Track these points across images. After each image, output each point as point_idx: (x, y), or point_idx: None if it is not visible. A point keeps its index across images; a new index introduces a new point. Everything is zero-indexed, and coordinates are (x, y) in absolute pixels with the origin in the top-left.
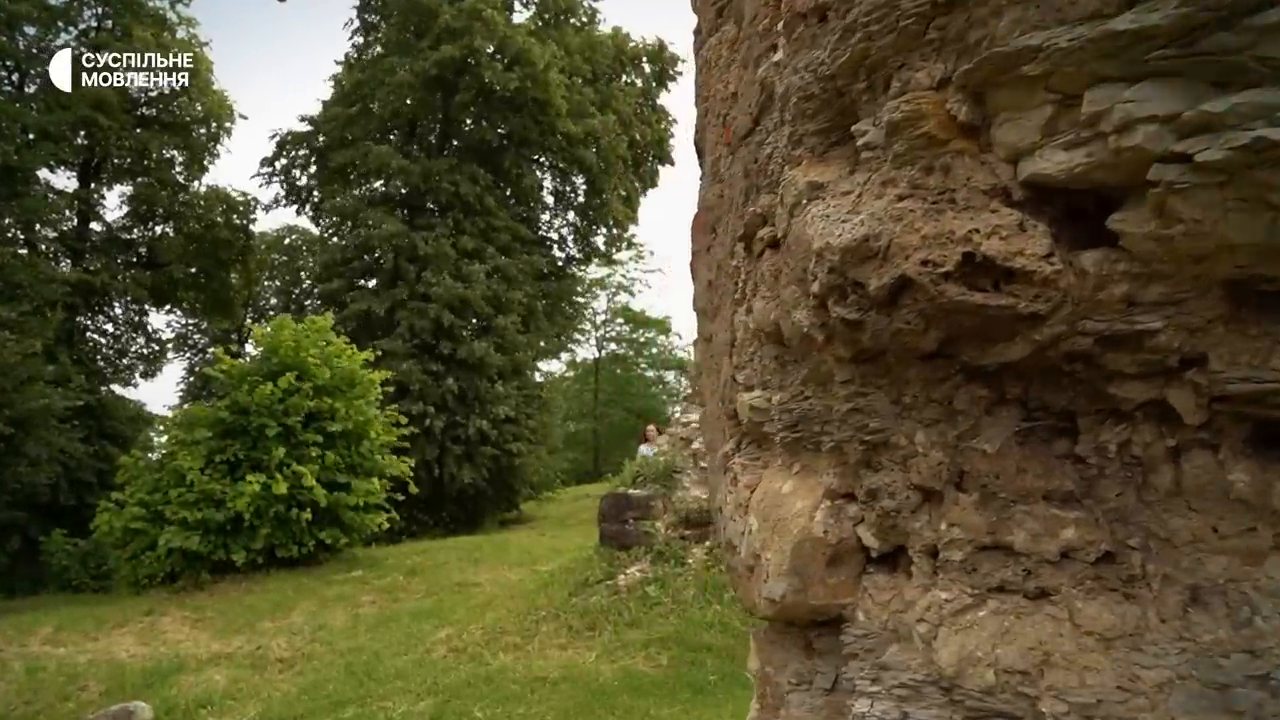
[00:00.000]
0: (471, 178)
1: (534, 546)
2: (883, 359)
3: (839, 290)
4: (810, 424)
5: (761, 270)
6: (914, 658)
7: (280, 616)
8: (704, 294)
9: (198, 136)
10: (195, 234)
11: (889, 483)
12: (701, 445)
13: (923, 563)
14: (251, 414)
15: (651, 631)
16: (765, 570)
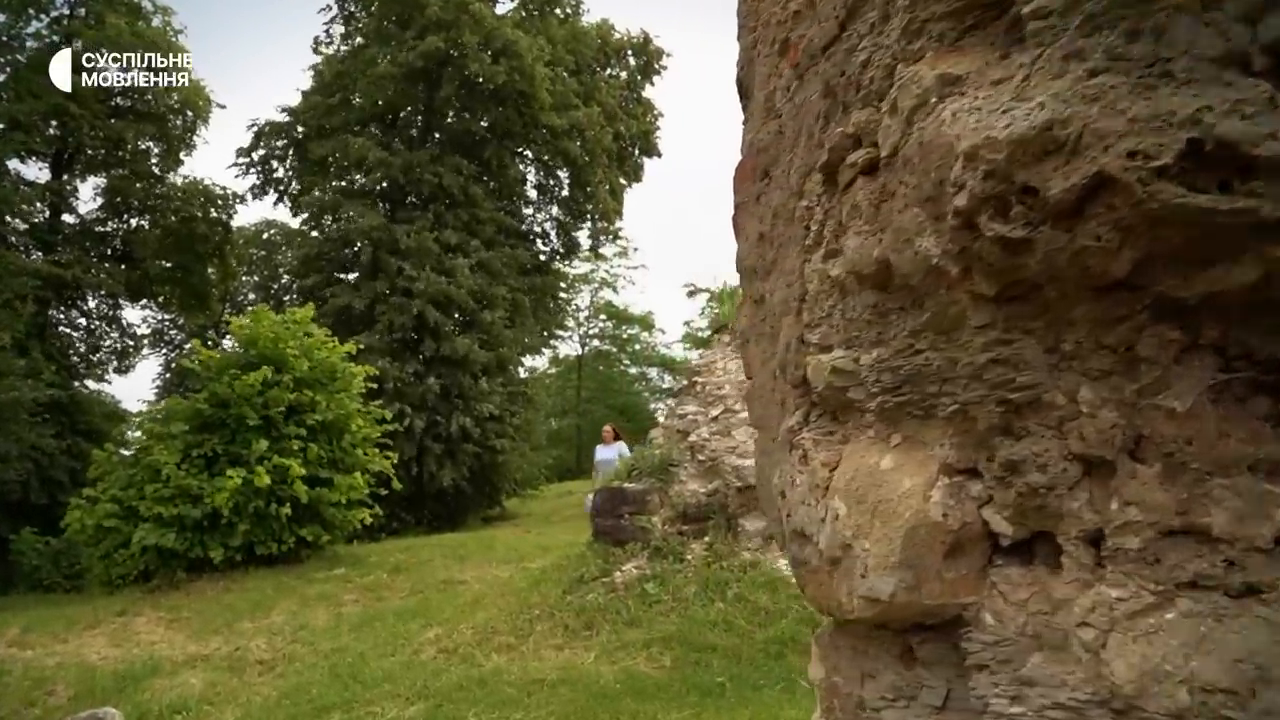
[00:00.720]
0: (455, 169)
1: (520, 544)
2: (1038, 295)
3: (998, 202)
4: (922, 384)
5: (855, 201)
6: (1071, 671)
7: (260, 616)
8: (753, 250)
9: (173, 127)
10: (172, 227)
11: (1038, 452)
12: (699, 438)
13: (1079, 552)
14: (231, 406)
15: (652, 631)
16: (862, 563)
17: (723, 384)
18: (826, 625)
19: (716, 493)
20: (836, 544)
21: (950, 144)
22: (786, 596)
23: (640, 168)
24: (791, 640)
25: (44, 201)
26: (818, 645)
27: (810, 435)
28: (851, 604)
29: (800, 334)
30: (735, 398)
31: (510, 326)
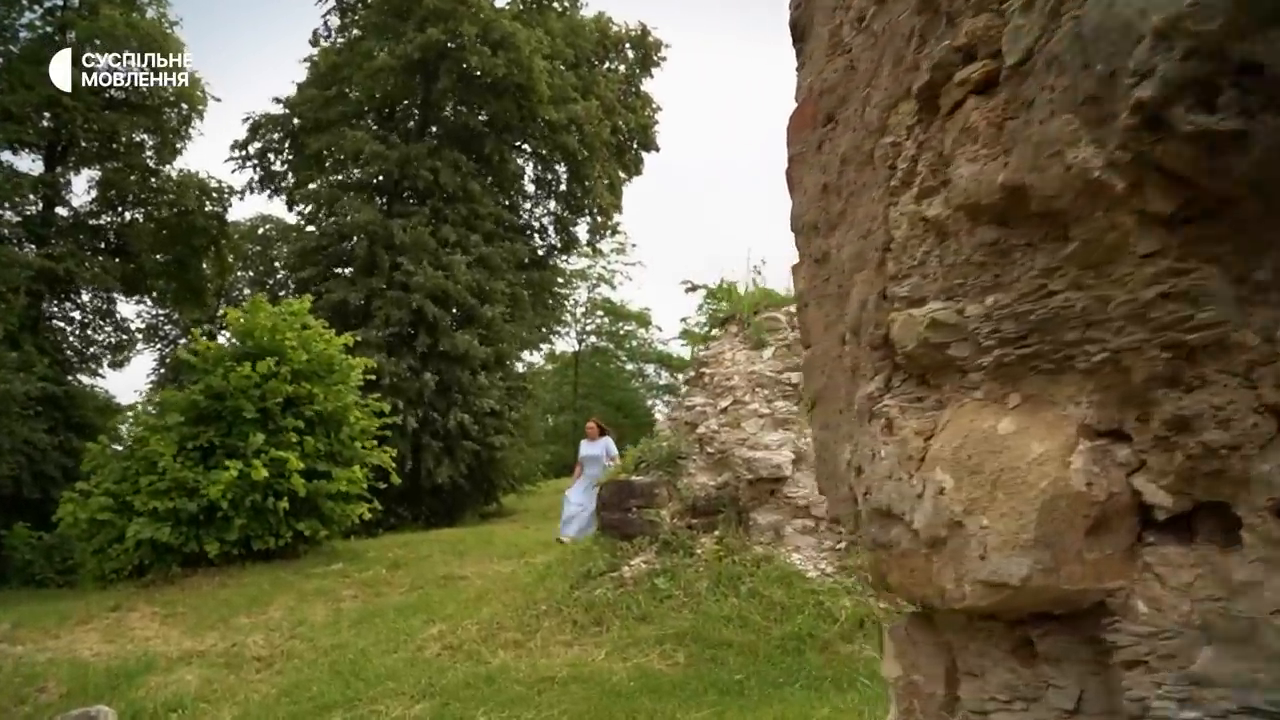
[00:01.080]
0: (453, 164)
1: (519, 539)
2: (1230, 211)
3: (1201, 87)
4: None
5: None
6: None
7: (257, 612)
8: (813, 204)
9: (168, 119)
10: (167, 220)
11: (1219, 405)
12: (708, 430)
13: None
14: (227, 398)
15: (664, 627)
16: (980, 543)
17: (731, 375)
18: (901, 618)
19: (727, 485)
20: (941, 522)
21: (1129, 22)
22: (802, 591)
23: (639, 162)
24: (809, 636)
25: (37, 194)
26: (892, 640)
27: (895, 402)
28: (961, 591)
29: (882, 288)
30: (745, 389)
31: (509, 321)
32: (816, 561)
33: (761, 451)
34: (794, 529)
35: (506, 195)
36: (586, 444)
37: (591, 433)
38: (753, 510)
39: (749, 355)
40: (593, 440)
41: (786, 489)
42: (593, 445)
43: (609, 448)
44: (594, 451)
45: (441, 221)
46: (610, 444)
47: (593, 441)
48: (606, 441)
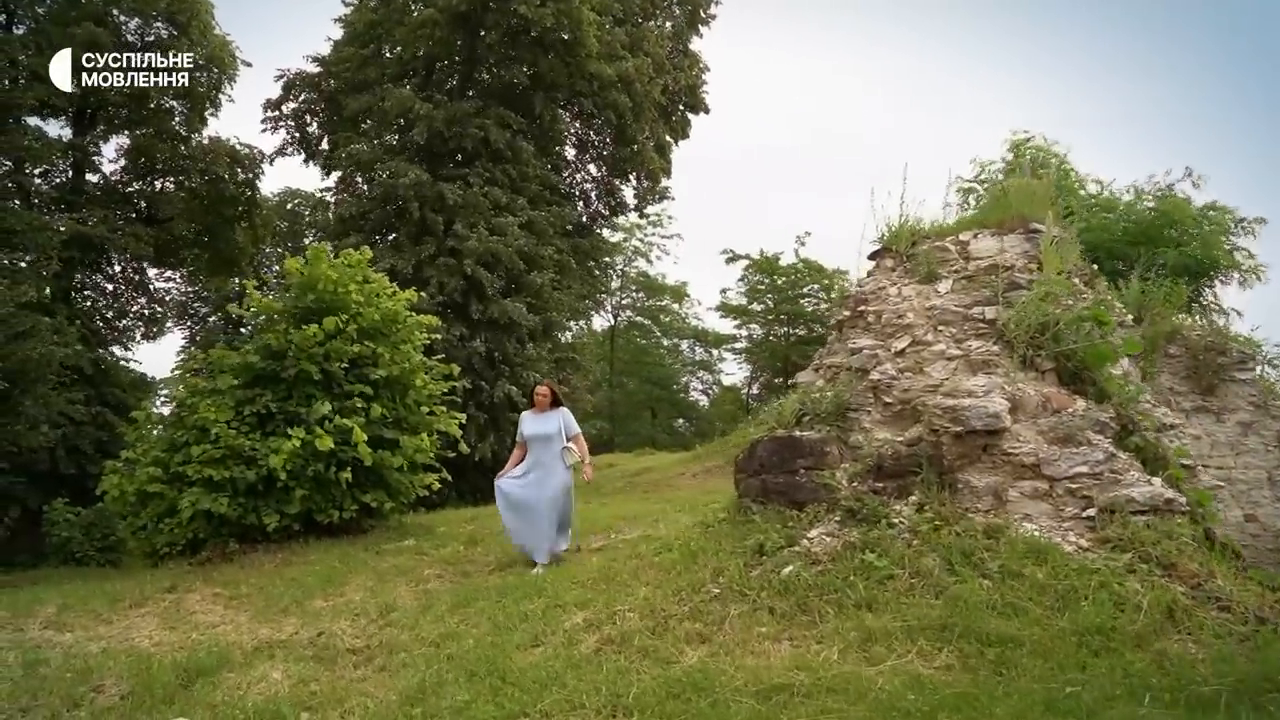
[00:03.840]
0: (501, 122)
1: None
2: None
3: None
4: None
5: None
6: None
7: (333, 593)
8: None
9: (198, 84)
10: (197, 188)
11: None
12: (883, 376)
13: None
14: (288, 359)
15: (904, 617)
16: None
17: (903, 312)
18: None
19: (920, 441)
20: None
21: None
22: (1070, 571)
23: (686, 124)
24: (1110, 630)
25: (66, 160)
26: None
27: None
28: None
29: None
30: (924, 327)
31: (557, 289)
32: (1062, 533)
33: (968, 399)
34: (1020, 492)
35: (549, 157)
36: (533, 417)
37: (542, 401)
38: (960, 470)
39: (919, 290)
40: (541, 412)
41: (1005, 443)
42: (542, 419)
43: (567, 423)
44: (544, 428)
45: (491, 184)
46: (569, 418)
47: (541, 414)
48: (563, 415)
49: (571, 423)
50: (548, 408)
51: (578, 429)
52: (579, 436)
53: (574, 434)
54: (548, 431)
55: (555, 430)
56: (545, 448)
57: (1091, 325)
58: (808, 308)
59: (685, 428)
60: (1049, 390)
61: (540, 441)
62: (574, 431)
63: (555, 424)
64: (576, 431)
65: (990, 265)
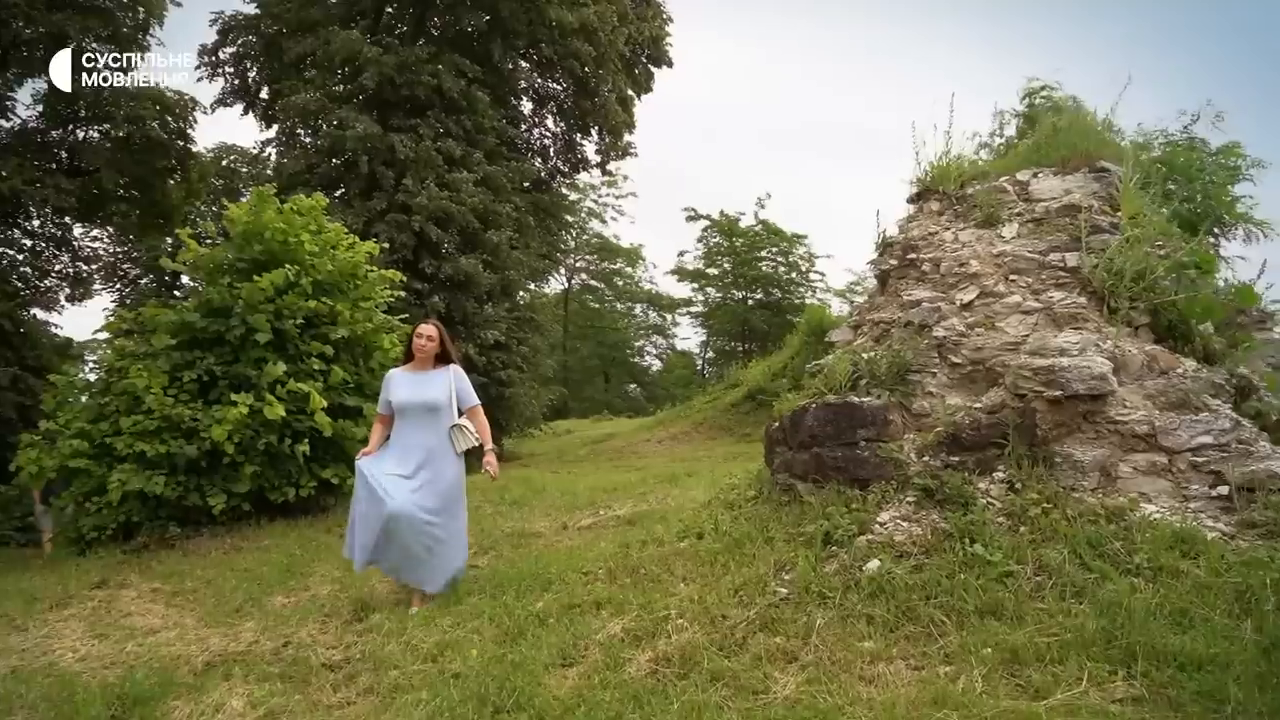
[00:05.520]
0: (456, 70)
1: (575, 487)
2: None
3: None
4: None
5: None
6: None
7: (295, 587)
8: None
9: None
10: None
11: None
12: (950, 332)
13: None
14: (233, 316)
15: (1052, 629)
16: None
17: (965, 259)
18: None
19: (1004, 408)
20: None
21: None
22: (1233, 565)
23: (650, 77)
24: None
25: None
26: None
27: None
28: None
29: None
30: (993, 277)
31: (515, 248)
32: (1193, 515)
33: (1063, 358)
34: (1134, 467)
35: (506, 109)
36: (409, 376)
37: (424, 351)
38: (1057, 441)
39: (980, 234)
40: (422, 370)
41: (1111, 410)
42: (424, 381)
43: (461, 389)
44: (428, 393)
45: (444, 136)
46: (463, 381)
47: (422, 372)
48: (455, 376)
49: (467, 389)
50: (432, 364)
51: (476, 398)
52: (478, 410)
53: (470, 405)
54: (433, 399)
55: (444, 398)
56: (428, 424)
57: (1195, 273)
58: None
59: (638, 393)
60: (1152, 348)
61: (420, 414)
62: (471, 402)
63: (443, 388)
64: (475, 402)
65: (1064, 206)
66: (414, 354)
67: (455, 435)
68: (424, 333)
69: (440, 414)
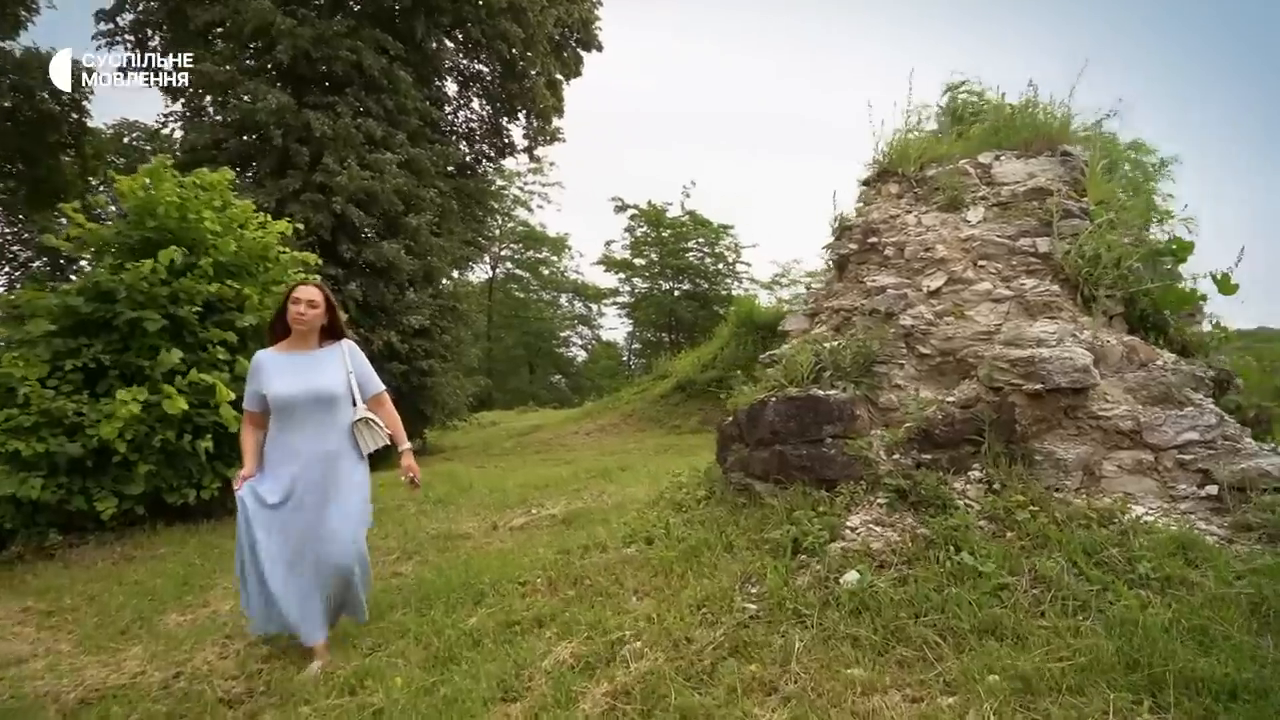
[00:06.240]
0: (377, 46)
1: (503, 483)
2: None
3: None
4: None
5: None
6: None
7: (193, 603)
8: None
9: None
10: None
11: None
12: (917, 321)
13: None
14: (120, 301)
15: (1063, 651)
16: None
17: (931, 244)
18: None
19: (979, 402)
20: None
21: None
22: (1241, 572)
23: (579, 61)
24: None
25: None
26: None
27: None
28: None
29: None
30: (961, 262)
31: (438, 234)
32: (1183, 517)
33: (1043, 349)
34: (1118, 465)
35: (430, 89)
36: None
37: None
38: (1036, 438)
39: (944, 218)
40: (305, 349)
41: (1093, 404)
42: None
43: (360, 373)
44: (318, 381)
45: (365, 114)
46: (360, 361)
47: (306, 352)
48: (349, 355)
49: (369, 371)
50: (317, 340)
51: (379, 383)
52: (384, 397)
53: (376, 391)
54: (326, 388)
55: (340, 385)
56: (323, 423)
57: (1171, 260)
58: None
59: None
60: (1130, 339)
61: (311, 410)
62: (376, 387)
63: (338, 372)
64: (380, 387)
65: (1031, 190)
66: (290, 327)
67: (362, 433)
68: (304, 297)
69: (337, 407)
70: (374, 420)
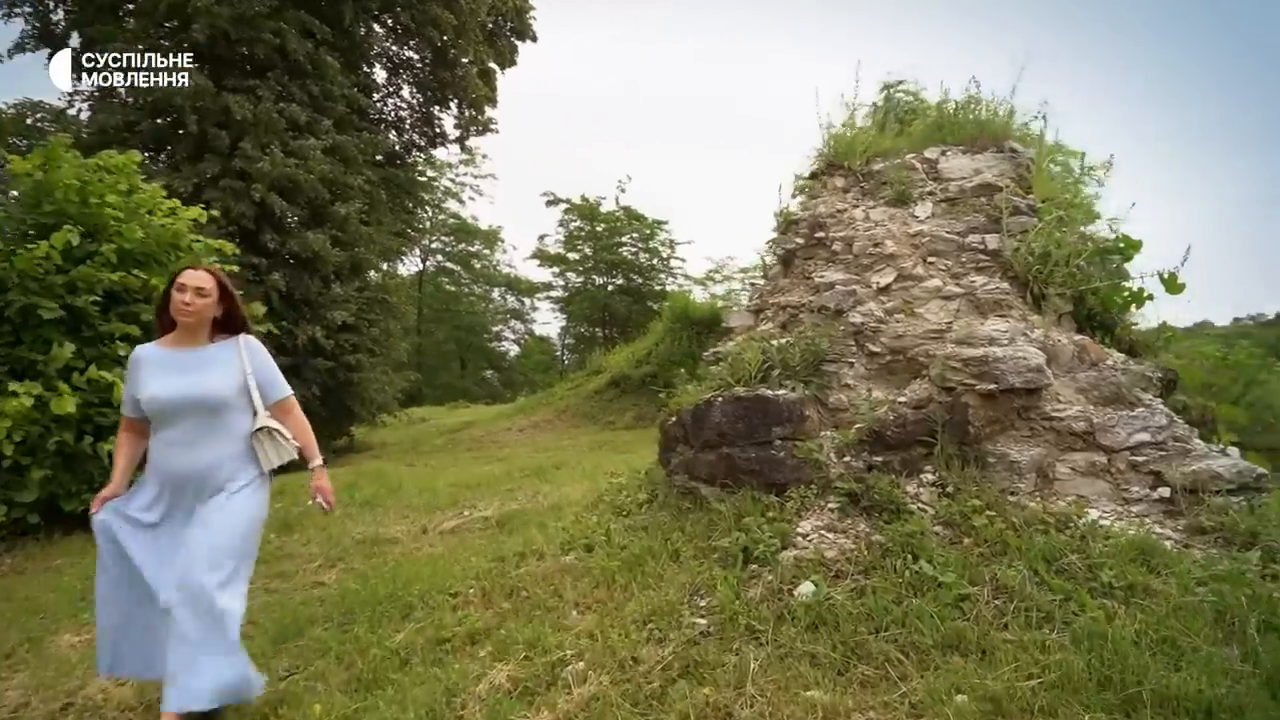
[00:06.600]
0: (302, 29)
1: (433, 483)
2: None
3: None
4: None
5: None
6: None
7: (90, 621)
8: None
9: None
10: None
11: None
12: (867, 318)
13: None
14: (12, 289)
15: (1031, 668)
16: None
17: (880, 239)
18: None
19: (930, 403)
20: None
21: None
22: (1203, 578)
23: (514, 51)
24: None
25: None
26: None
27: None
28: None
29: None
30: (911, 259)
31: (367, 224)
32: (1138, 521)
33: (996, 348)
34: (1071, 468)
35: (358, 76)
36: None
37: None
38: (990, 440)
39: (892, 213)
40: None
41: (1046, 405)
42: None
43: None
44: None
45: (288, 99)
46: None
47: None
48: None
49: (273, 371)
50: (207, 335)
51: (286, 385)
52: (292, 404)
53: (280, 396)
54: (214, 392)
55: (231, 388)
56: (210, 432)
57: (1119, 259)
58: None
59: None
60: (1080, 338)
61: (195, 417)
62: (280, 392)
63: (230, 373)
64: (286, 392)
65: (979, 186)
66: (174, 315)
67: (263, 445)
68: (191, 283)
69: (227, 414)
70: (278, 430)
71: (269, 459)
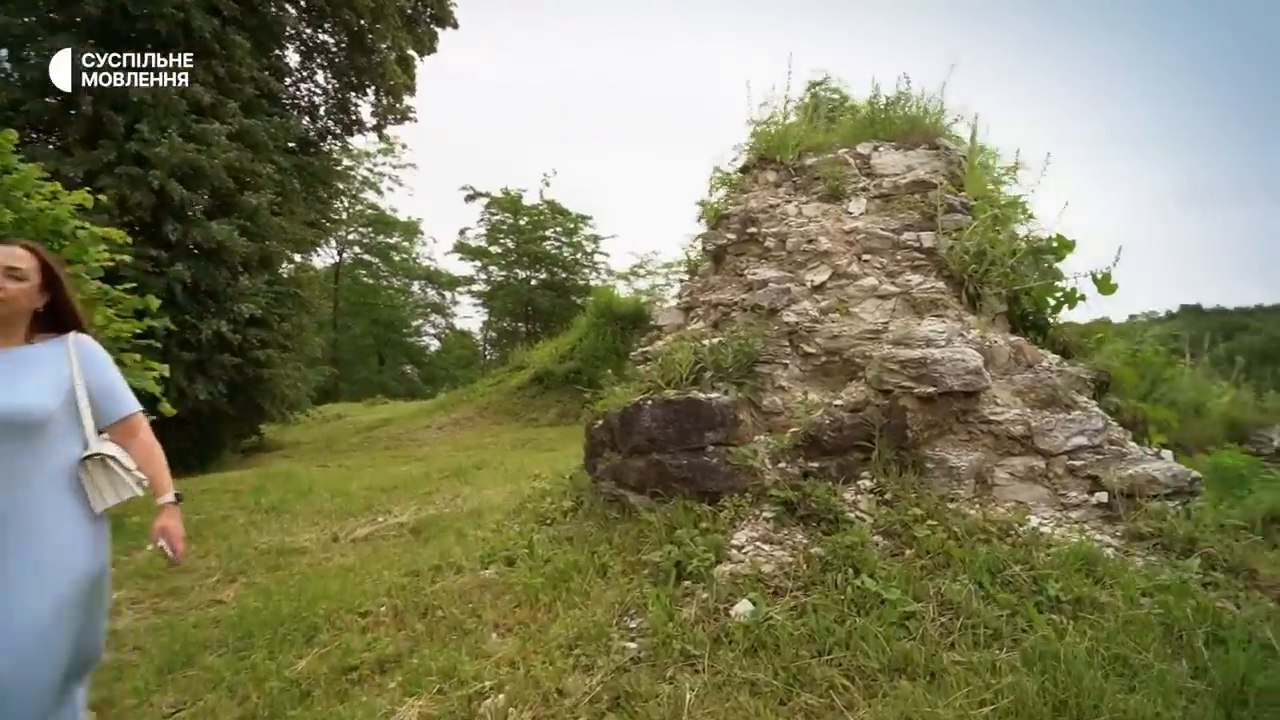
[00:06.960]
0: (209, 6)
1: (347, 486)
2: None
3: None
4: None
5: None
6: None
7: None
8: None
9: None
10: None
11: None
12: (801, 318)
13: None
14: None
15: (983, 692)
16: None
17: (814, 235)
18: None
19: (868, 406)
20: None
21: None
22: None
23: (433, 38)
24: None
25: None
26: None
27: None
28: None
29: None
30: (845, 256)
31: (278, 214)
32: (1077, 527)
33: (934, 350)
34: (1010, 473)
35: (269, 58)
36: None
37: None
38: (928, 444)
39: (825, 209)
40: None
41: (985, 408)
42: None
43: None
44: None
45: (191, 80)
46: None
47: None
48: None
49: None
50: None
51: (133, 400)
52: (139, 423)
53: (124, 414)
54: (17, 408)
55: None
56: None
57: (1052, 258)
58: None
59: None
60: (1015, 339)
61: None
62: (125, 409)
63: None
64: (133, 408)
65: (912, 183)
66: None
67: (94, 477)
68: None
69: (43, 437)
70: (116, 459)
71: (101, 497)
